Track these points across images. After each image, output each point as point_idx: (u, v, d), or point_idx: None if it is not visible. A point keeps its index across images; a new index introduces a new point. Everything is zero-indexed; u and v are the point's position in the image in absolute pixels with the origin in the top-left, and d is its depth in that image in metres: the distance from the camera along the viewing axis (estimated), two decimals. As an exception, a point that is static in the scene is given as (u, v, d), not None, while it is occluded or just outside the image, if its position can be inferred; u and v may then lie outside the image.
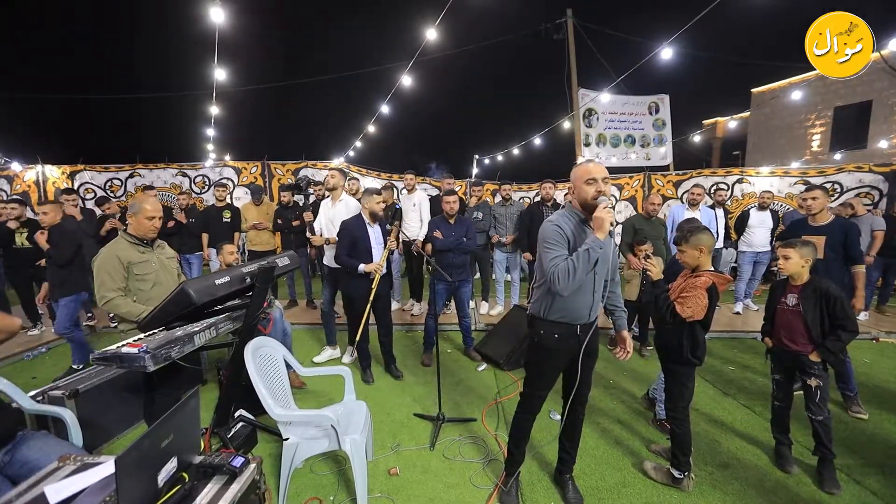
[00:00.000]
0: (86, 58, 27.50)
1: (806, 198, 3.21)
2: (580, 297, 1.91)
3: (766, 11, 8.14)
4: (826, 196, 3.19)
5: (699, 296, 2.09)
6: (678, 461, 2.27)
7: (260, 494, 1.50)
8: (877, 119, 11.25)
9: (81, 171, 8.34)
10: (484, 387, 3.56)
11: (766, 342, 2.56)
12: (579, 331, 1.96)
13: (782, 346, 2.42)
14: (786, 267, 2.38)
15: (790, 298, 2.40)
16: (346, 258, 3.43)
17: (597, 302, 1.97)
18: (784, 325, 2.41)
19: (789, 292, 2.42)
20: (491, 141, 22.62)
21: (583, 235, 1.86)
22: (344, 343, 4.25)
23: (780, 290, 2.48)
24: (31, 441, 1.81)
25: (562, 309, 1.94)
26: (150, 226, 2.49)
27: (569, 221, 1.90)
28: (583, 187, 1.85)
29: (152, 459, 1.24)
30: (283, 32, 37.11)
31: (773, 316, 2.50)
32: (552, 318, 1.96)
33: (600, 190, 1.81)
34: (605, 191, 1.81)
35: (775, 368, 2.52)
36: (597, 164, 1.88)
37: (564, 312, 1.94)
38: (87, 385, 2.63)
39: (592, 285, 1.92)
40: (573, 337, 1.97)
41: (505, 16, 22.09)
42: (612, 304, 2.16)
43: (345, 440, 2.09)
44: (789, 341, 2.38)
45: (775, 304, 2.48)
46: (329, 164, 8.70)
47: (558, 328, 1.96)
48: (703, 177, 8.36)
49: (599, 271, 1.90)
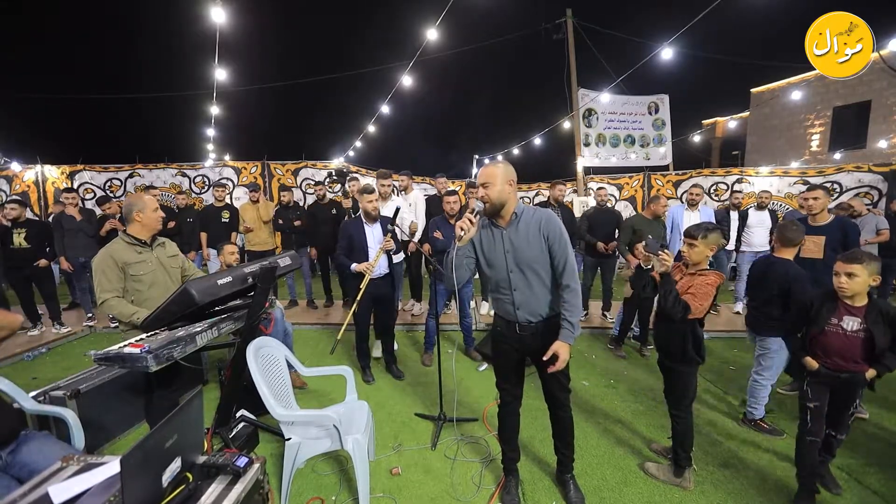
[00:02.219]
0: (85, 58, 27.49)
1: (807, 197, 3.21)
2: (500, 295, 2.06)
3: (765, 11, 8.15)
4: (827, 196, 3.20)
5: (710, 294, 2.09)
6: (678, 457, 2.28)
7: (264, 494, 1.50)
8: (876, 119, 11.26)
9: (81, 172, 8.33)
10: (485, 387, 3.57)
11: (810, 363, 2.15)
12: (519, 329, 2.03)
13: (835, 370, 2.07)
14: (849, 286, 1.99)
15: (848, 322, 2.03)
16: (342, 258, 3.45)
17: (521, 302, 1.98)
18: (838, 349, 2.06)
19: (845, 314, 2.04)
20: (491, 141, 22.70)
21: (487, 234, 2.03)
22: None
23: (828, 311, 2.09)
24: (33, 442, 1.81)
25: (494, 305, 2.14)
26: (159, 217, 2.56)
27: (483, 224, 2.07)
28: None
29: (156, 459, 1.24)
30: (283, 32, 37.09)
31: (814, 338, 2.14)
32: (496, 311, 2.16)
33: (479, 196, 1.94)
34: (482, 196, 1.92)
35: (814, 395, 2.13)
36: (483, 170, 1.97)
37: (497, 308, 2.13)
38: (88, 385, 2.64)
39: (509, 285, 1.99)
40: (515, 334, 2.05)
41: (505, 16, 22.08)
42: (561, 309, 1.94)
43: (347, 440, 2.10)
44: (844, 363, 2.05)
45: (821, 327, 2.10)
46: (329, 164, 8.70)
47: (501, 322, 2.13)
48: (703, 177, 8.38)
49: (513, 268, 1.96)
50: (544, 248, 1.92)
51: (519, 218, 1.96)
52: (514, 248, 1.94)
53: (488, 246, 2.01)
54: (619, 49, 10.54)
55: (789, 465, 2.48)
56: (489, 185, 1.91)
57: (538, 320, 1.99)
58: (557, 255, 1.93)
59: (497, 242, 1.98)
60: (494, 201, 1.91)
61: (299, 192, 8.41)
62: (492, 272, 2.03)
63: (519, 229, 1.95)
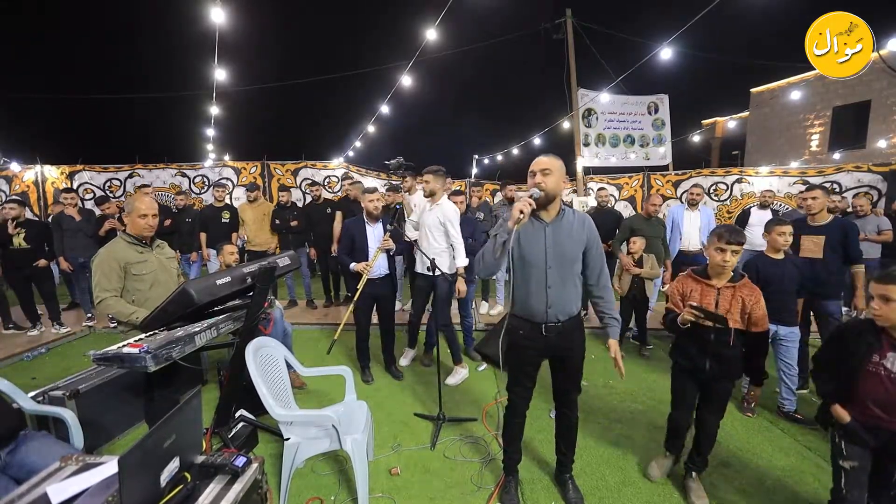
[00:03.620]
0: (85, 58, 27.47)
1: (806, 197, 3.21)
2: (533, 293, 1.94)
3: (766, 11, 8.15)
4: (826, 196, 3.20)
5: (761, 301, 2.05)
6: (694, 460, 2.28)
7: (262, 494, 1.50)
8: (875, 119, 11.26)
9: (80, 172, 8.33)
10: (484, 387, 3.57)
11: (840, 415, 1.71)
12: (545, 331, 1.95)
13: (877, 423, 1.64)
14: (885, 314, 1.56)
15: (893, 361, 1.59)
16: (343, 257, 3.47)
17: (554, 300, 1.92)
18: (880, 396, 1.62)
19: (890, 350, 1.59)
20: (490, 141, 22.66)
21: (528, 226, 1.92)
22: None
23: (867, 346, 1.64)
24: (32, 442, 1.81)
25: (520, 305, 1.98)
26: (143, 224, 2.45)
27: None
28: (528, 180, 1.93)
29: (155, 459, 1.24)
30: (283, 32, 37.09)
31: (850, 379, 1.69)
32: (517, 313, 2.01)
33: (535, 182, 1.86)
34: (540, 183, 1.85)
35: (851, 452, 1.70)
36: (541, 158, 1.92)
37: (523, 308, 1.98)
38: (87, 385, 2.63)
39: (544, 281, 1.91)
40: (539, 337, 1.96)
41: (504, 16, 22.07)
42: (601, 311, 2.07)
43: (346, 440, 2.10)
44: (887, 416, 1.61)
45: (858, 366, 1.66)
46: (329, 164, 8.70)
47: (523, 325, 2.00)
48: (703, 177, 8.37)
49: (552, 264, 1.90)
50: (582, 248, 1.95)
51: (563, 214, 1.94)
52: (556, 244, 1.90)
53: (527, 239, 1.92)
54: (618, 49, 10.54)
55: (788, 464, 2.48)
56: (549, 172, 1.86)
57: (565, 319, 1.96)
58: (595, 258, 1.99)
59: (538, 236, 1.91)
60: (550, 191, 1.85)
61: (299, 192, 8.40)
62: (526, 267, 1.93)
63: (562, 225, 1.92)
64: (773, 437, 2.77)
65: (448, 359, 3.72)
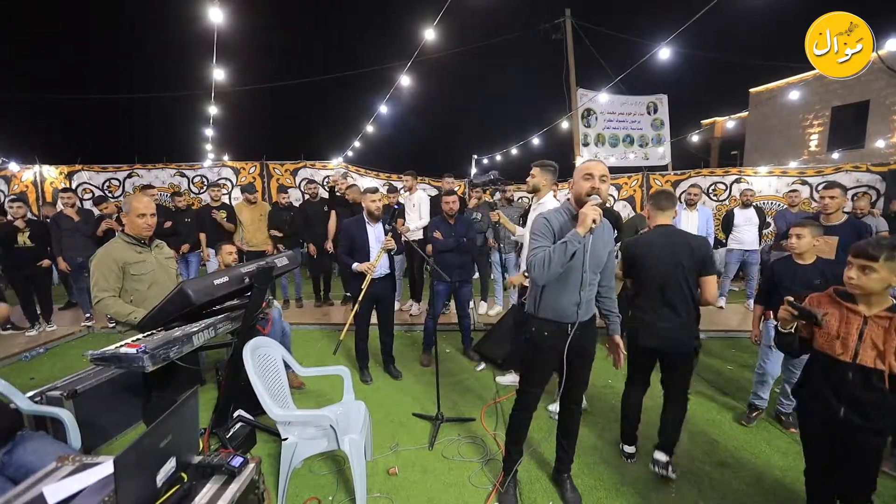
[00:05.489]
0: (84, 57, 27.43)
1: (824, 195, 3.08)
2: (566, 293, 1.94)
3: (765, 11, 8.17)
4: (844, 196, 3.09)
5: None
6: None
7: (259, 494, 1.50)
8: (874, 119, 11.27)
9: (79, 172, 8.31)
10: (482, 387, 3.56)
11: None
12: (570, 329, 1.97)
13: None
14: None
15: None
16: (344, 257, 3.46)
17: (585, 301, 1.96)
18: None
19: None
20: (489, 141, 22.60)
21: (570, 229, 1.88)
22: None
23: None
24: (30, 442, 1.81)
25: (550, 306, 1.97)
26: (142, 223, 2.44)
27: (560, 216, 1.93)
28: (580, 182, 1.88)
29: (151, 459, 1.24)
30: (282, 32, 37.08)
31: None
32: (542, 315, 2.00)
33: (594, 186, 1.82)
34: (601, 189, 1.82)
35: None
36: (598, 162, 1.89)
37: (553, 309, 1.97)
38: (85, 386, 2.63)
39: (580, 282, 1.92)
40: (563, 335, 1.97)
41: (503, 16, 22.10)
42: (606, 308, 2.16)
43: (344, 440, 2.09)
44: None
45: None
46: (328, 164, 8.69)
47: (548, 326, 1.99)
48: (702, 177, 8.37)
49: (588, 268, 1.90)
50: (608, 250, 2.02)
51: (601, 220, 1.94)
52: (594, 248, 1.89)
53: None
54: (617, 49, 10.54)
55: (786, 464, 2.48)
56: (607, 179, 1.86)
57: (587, 319, 2.00)
58: (611, 259, 2.08)
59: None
60: (604, 198, 1.84)
61: (298, 193, 8.39)
62: (566, 272, 1.89)
63: (598, 231, 1.89)
64: (772, 438, 2.77)
65: (448, 359, 3.71)
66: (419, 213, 5.11)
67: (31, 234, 4.73)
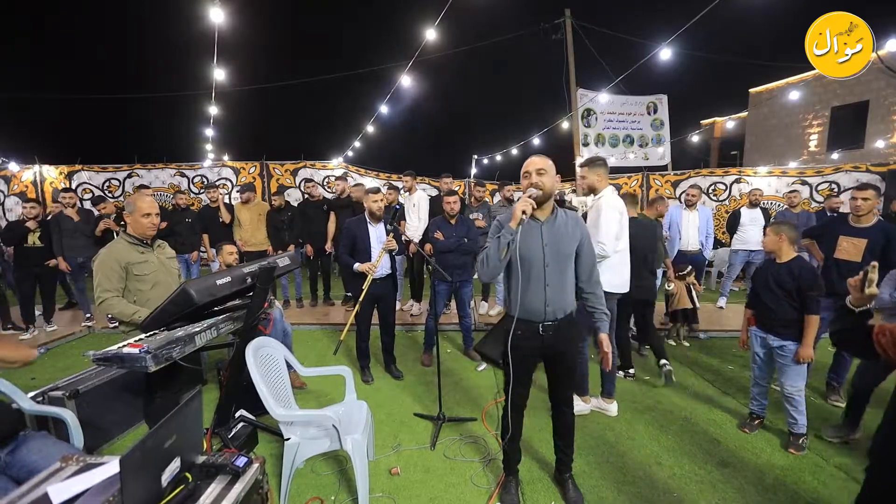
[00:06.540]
0: (85, 58, 27.42)
1: (857, 196, 2.94)
2: (531, 291, 1.96)
3: (765, 11, 8.17)
4: (877, 197, 2.99)
5: None
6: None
7: (263, 494, 1.50)
8: (874, 119, 11.29)
9: (79, 172, 8.31)
10: (484, 387, 3.57)
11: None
12: (541, 329, 1.98)
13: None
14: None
15: None
16: (345, 257, 3.46)
17: (553, 299, 1.96)
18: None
19: None
20: (489, 141, 22.61)
21: (524, 226, 1.89)
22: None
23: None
24: (32, 442, 1.80)
25: (520, 304, 1.96)
26: (147, 223, 2.45)
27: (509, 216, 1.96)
28: (522, 181, 1.95)
29: (156, 459, 1.24)
30: (282, 32, 37.04)
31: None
32: (515, 314, 2.00)
33: (531, 182, 1.89)
34: (542, 181, 1.88)
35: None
36: (534, 158, 1.95)
37: (523, 308, 1.97)
38: (87, 386, 2.63)
39: (543, 280, 1.95)
40: (536, 335, 1.99)
41: (503, 16, 22.09)
42: (591, 306, 2.12)
43: (346, 440, 2.10)
44: None
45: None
46: (328, 164, 8.69)
47: (521, 325, 2.00)
48: (701, 177, 8.39)
49: (549, 263, 1.93)
50: (576, 245, 2.01)
51: (556, 213, 2.00)
52: (552, 242, 1.95)
53: (524, 238, 1.92)
54: (617, 49, 10.55)
55: (788, 463, 2.49)
56: (544, 172, 1.90)
57: (560, 318, 2.00)
58: (587, 255, 2.06)
59: (535, 235, 1.96)
60: (548, 190, 1.90)
61: (298, 193, 8.40)
62: (525, 266, 1.93)
63: (557, 223, 1.98)
64: (772, 436, 2.77)
65: (449, 359, 3.70)
66: (419, 214, 5.11)
67: (42, 234, 4.83)
